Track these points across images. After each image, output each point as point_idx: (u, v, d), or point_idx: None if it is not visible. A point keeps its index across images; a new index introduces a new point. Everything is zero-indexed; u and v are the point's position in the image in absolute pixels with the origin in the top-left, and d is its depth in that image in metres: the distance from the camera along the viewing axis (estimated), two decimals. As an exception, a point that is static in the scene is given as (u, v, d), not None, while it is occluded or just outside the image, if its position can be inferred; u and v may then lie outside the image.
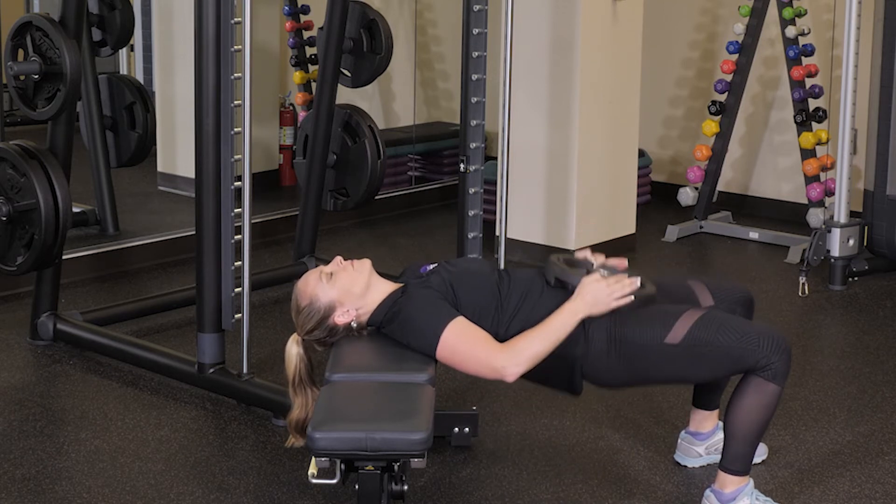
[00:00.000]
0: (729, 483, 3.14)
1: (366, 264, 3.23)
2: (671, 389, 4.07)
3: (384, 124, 7.33)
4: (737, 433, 3.10)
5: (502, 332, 3.12)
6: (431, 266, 3.28)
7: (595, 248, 5.65)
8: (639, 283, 3.09)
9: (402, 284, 3.21)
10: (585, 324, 3.09)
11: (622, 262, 3.29)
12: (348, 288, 3.17)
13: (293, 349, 3.17)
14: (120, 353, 4.27)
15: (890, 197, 5.38)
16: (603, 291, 3.06)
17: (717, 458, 3.38)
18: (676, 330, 3.06)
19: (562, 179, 5.58)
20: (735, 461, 3.13)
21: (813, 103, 6.08)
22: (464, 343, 3.04)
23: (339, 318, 3.17)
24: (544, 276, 3.22)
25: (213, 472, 3.45)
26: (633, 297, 3.08)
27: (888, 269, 5.52)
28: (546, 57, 5.53)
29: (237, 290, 3.84)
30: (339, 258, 3.24)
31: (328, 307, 3.16)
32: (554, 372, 3.15)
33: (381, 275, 3.27)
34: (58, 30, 4.10)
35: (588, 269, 3.19)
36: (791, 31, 5.99)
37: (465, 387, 4.06)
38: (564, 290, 3.13)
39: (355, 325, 3.19)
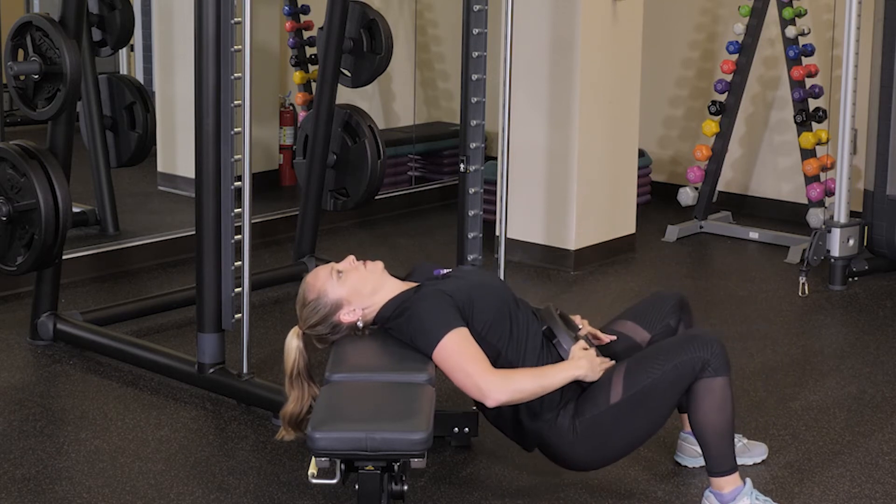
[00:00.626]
0: (725, 483, 3.14)
1: (378, 266, 3.24)
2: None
3: (384, 124, 7.33)
4: (708, 437, 3.11)
5: (503, 351, 3.15)
6: (445, 270, 3.29)
7: (595, 248, 5.70)
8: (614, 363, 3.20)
9: (415, 284, 3.22)
10: (563, 400, 3.14)
11: (608, 338, 3.38)
12: (358, 287, 3.18)
13: (293, 342, 3.17)
14: (120, 353, 4.27)
15: (890, 197, 5.38)
16: (595, 362, 3.15)
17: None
18: (614, 389, 3.11)
19: (562, 179, 5.58)
20: (719, 463, 3.13)
21: (813, 103, 6.08)
22: (459, 354, 3.05)
23: (345, 317, 3.18)
24: (539, 319, 3.27)
25: (213, 472, 3.45)
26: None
27: (888, 269, 5.52)
28: (546, 57, 5.53)
29: (237, 290, 3.84)
30: (352, 257, 3.25)
31: (335, 304, 3.17)
32: (518, 423, 3.20)
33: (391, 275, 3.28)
34: (58, 30, 4.10)
35: (577, 333, 3.26)
36: (791, 31, 5.99)
37: (465, 387, 4.06)
38: (548, 341, 3.21)
39: (360, 324, 3.19)
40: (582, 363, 3.13)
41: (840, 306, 5.15)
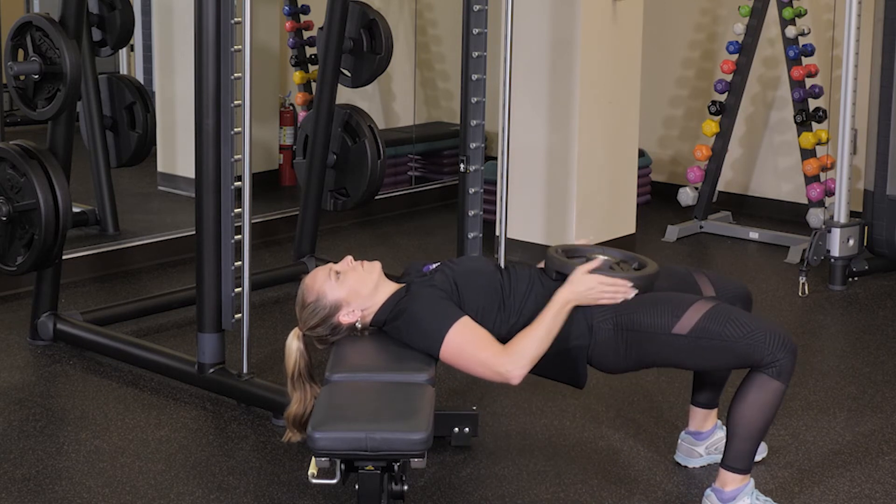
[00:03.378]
0: (730, 481, 3.14)
1: (376, 266, 3.23)
2: (671, 390, 4.07)
3: (384, 124, 7.33)
4: (740, 430, 3.10)
5: (504, 333, 3.12)
6: (434, 265, 3.28)
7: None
8: (633, 294, 3.10)
9: (405, 284, 3.21)
10: (587, 316, 3.10)
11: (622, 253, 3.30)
12: (356, 288, 3.16)
13: (293, 344, 3.16)
14: (120, 353, 4.27)
15: (890, 197, 5.38)
16: (595, 287, 3.07)
17: (717, 457, 3.38)
18: (685, 320, 3.06)
19: (562, 179, 5.58)
20: (737, 459, 3.13)
21: (813, 103, 6.08)
22: (468, 345, 3.03)
23: (344, 318, 3.17)
24: (545, 271, 3.23)
25: (213, 472, 3.45)
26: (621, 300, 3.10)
27: (888, 269, 5.52)
28: (546, 57, 5.53)
29: (237, 290, 3.84)
30: (349, 258, 3.24)
31: (334, 306, 3.16)
32: (561, 366, 3.16)
33: (386, 276, 3.27)
34: (58, 30, 4.10)
35: (587, 256, 3.19)
36: (791, 31, 5.99)
37: (465, 387, 4.06)
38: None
39: (359, 325, 3.19)
40: (576, 288, 3.05)
41: (840, 306, 5.15)
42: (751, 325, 3.05)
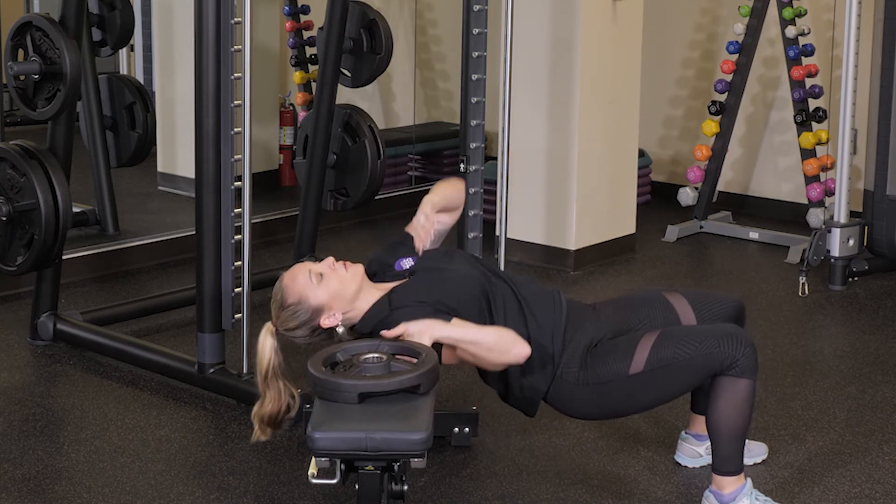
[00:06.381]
0: (727, 484, 3.14)
1: (359, 269, 3.16)
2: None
3: (384, 124, 7.32)
4: (721, 435, 3.10)
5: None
6: (407, 261, 3.24)
7: (595, 248, 5.71)
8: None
9: (386, 291, 3.15)
10: (559, 367, 3.12)
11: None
12: (339, 291, 3.10)
13: (268, 341, 3.05)
14: (120, 353, 4.27)
15: (890, 197, 5.38)
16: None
17: (716, 458, 3.38)
18: (637, 358, 3.08)
19: (562, 179, 5.58)
20: (726, 462, 3.13)
21: (813, 103, 6.08)
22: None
23: (325, 321, 3.11)
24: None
25: (213, 472, 3.45)
26: None
27: (888, 269, 5.52)
28: (546, 57, 5.53)
29: (237, 290, 3.85)
30: (331, 259, 3.17)
31: (316, 309, 3.09)
32: (516, 396, 3.20)
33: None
34: (58, 30, 4.10)
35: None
36: (791, 31, 5.99)
37: (465, 387, 4.06)
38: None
39: (340, 329, 3.12)
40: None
41: (840, 306, 5.15)
42: (700, 337, 3.07)
